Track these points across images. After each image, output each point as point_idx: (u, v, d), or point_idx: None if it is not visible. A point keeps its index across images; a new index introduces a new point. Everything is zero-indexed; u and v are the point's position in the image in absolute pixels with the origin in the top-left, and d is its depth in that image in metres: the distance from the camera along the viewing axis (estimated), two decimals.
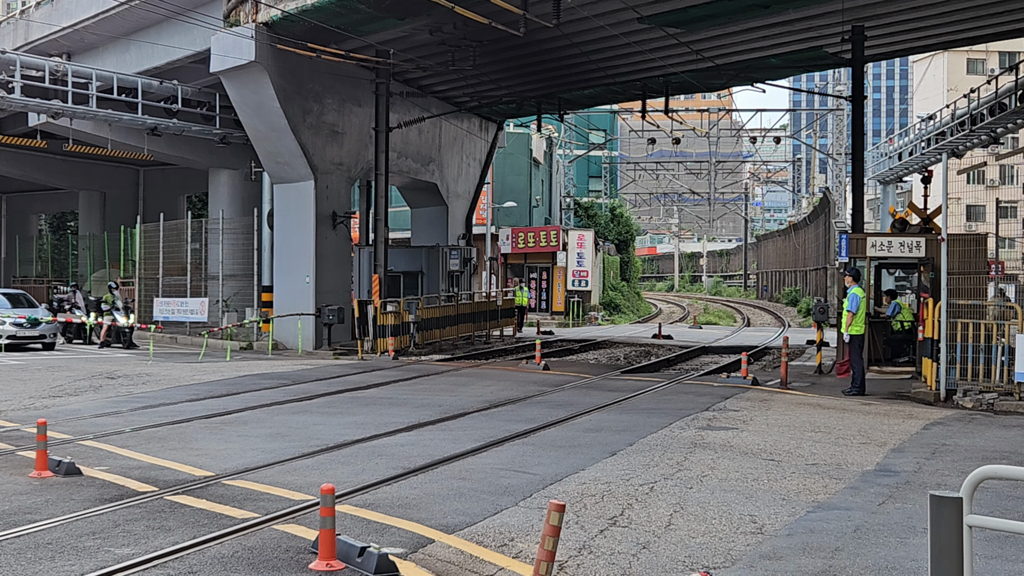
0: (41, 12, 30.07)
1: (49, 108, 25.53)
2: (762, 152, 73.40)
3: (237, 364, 20.90)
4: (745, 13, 21.47)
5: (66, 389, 15.76)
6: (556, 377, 18.56)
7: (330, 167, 25.62)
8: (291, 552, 6.51)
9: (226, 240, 28.03)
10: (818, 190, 70.48)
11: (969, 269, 15.94)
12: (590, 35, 23.29)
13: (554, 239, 42.35)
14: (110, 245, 36.28)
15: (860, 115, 23.29)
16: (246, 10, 23.06)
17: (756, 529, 7.23)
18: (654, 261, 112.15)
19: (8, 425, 11.97)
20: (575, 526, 7.18)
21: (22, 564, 6.23)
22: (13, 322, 24.82)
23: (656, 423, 12.38)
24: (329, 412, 13.38)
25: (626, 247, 60.50)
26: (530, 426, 12.05)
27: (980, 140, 31.91)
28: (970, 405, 14.44)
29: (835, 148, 56.42)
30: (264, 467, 9.37)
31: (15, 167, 38.20)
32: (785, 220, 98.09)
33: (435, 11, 20.10)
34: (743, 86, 29.67)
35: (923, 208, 21.62)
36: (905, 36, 24.72)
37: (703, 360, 24.30)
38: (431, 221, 33.49)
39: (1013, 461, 9.88)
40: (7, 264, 46.96)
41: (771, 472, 9.33)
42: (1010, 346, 14.45)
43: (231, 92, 24.37)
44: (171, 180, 40.65)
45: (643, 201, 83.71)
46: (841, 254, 18.83)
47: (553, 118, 36.12)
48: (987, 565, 6.26)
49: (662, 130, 37.47)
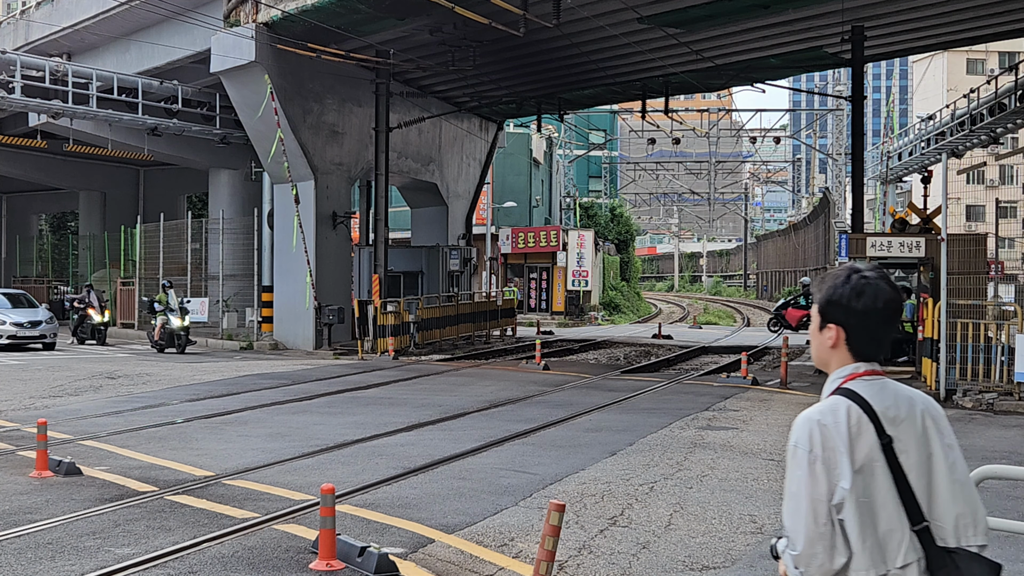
0: (41, 12, 30.08)
1: (49, 108, 25.53)
2: (762, 152, 73.38)
3: (237, 364, 20.90)
4: (745, 13, 21.47)
5: (66, 389, 15.75)
6: (556, 377, 18.56)
7: (330, 167, 25.62)
8: (291, 552, 6.52)
9: (226, 240, 28.03)
10: (818, 190, 70.50)
11: (969, 269, 15.94)
12: (590, 35, 23.29)
13: (554, 239, 42.35)
14: (110, 245, 36.27)
15: (860, 115, 23.30)
16: (246, 10, 23.07)
17: (756, 529, 7.24)
18: (654, 261, 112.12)
19: (8, 425, 11.98)
20: (575, 526, 7.18)
21: (22, 564, 6.23)
22: (13, 322, 24.76)
23: (656, 423, 12.38)
24: (329, 412, 13.38)
25: (626, 247, 60.47)
26: (530, 426, 12.05)
27: (980, 140, 31.90)
28: (970, 405, 14.44)
29: (835, 148, 56.45)
30: (264, 467, 9.37)
31: (15, 167, 38.21)
32: (785, 220, 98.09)
33: (435, 11, 20.11)
34: (743, 86, 29.68)
35: (923, 208, 21.64)
36: (905, 36, 24.73)
37: (703, 360, 24.30)
38: (431, 221, 33.49)
39: (1013, 461, 9.89)
40: (7, 264, 46.94)
41: (771, 472, 9.34)
42: (1010, 346, 14.46)
43: (231, 92, 24.38)
44: (171, 180, 40.65)
45: (643, 201, 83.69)
46: (841, 254, 18.83)
47: (553, 118, 36.11)
48: None
49: (662, 130, 37.45)
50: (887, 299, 2.58)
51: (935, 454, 2.55)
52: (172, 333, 24.32)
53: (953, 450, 2.58)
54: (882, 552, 2.47)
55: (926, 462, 2.54)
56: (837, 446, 2.50)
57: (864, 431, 2.51)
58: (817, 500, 2.47)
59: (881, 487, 2.50)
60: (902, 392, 2.61)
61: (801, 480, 2.52)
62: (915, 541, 2.49)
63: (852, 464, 2.48)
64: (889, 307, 2.59)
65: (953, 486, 2.54)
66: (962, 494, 2.55)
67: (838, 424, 2.52)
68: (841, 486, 2.47)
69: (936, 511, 2.53)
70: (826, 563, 2.45)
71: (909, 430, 2.55)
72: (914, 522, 2.49)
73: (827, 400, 2.62)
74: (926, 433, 2.57)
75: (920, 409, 2.58)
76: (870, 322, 2.59)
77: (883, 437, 2.51)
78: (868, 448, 2.50)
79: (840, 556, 2.46)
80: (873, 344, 2.61)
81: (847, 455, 2.49)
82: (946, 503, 2.53)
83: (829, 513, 2.47)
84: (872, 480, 2.49)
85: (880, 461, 2.50)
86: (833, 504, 2.47)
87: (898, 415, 2.55)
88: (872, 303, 2.57)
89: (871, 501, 2.49)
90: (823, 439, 2.52)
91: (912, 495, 2.51)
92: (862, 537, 2.46)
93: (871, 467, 2.49)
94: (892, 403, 2.56)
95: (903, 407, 2.57)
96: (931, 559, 2.48)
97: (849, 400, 2.56)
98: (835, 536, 2.46)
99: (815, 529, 2.46)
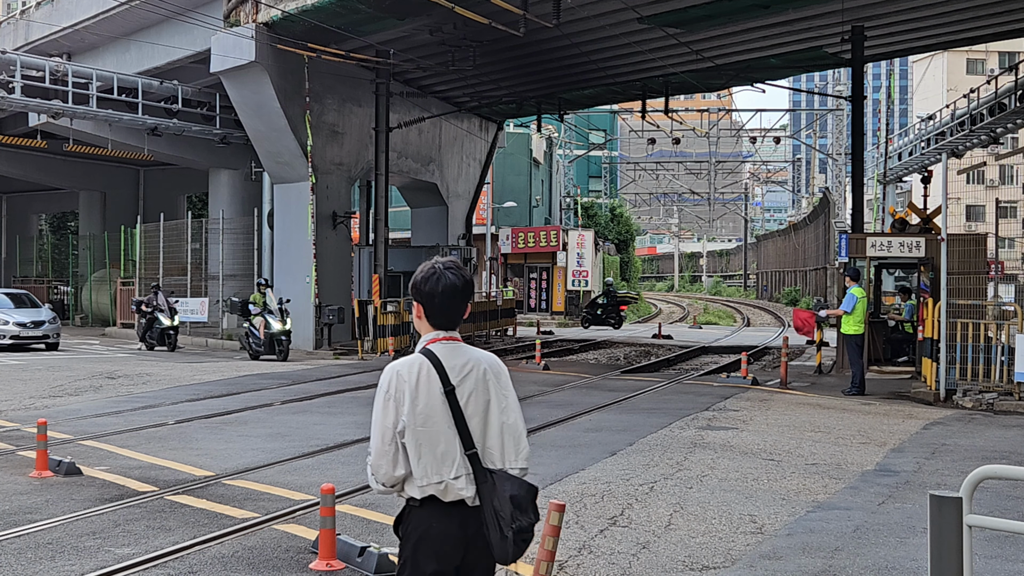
0: (41, 12, 30.08)
1: (49, 108, 25.53)
2: (762, 152, 73.35)
3: (237, 364, 20.90)
4: (745, 13, 21.47)
5: (66, 389, 15.76)
6: (556, 377, 18.56)
7: (330, 167, 25.62)
8: (291, 552, 6.52)
9: (226, 240, 28.02)
10: (818, 190, 70.47)
11: (969, 269, 15.93)
12: (590, 35, 23.28)
13: (554, 239, 42.35)
14: (110, 245, 36.26)
15: (860, 115, 23.29)
16: (246, 10, 23.07)
17: (756, 529, 7.24)
18: (654, 261, 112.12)
19: (8, 425, 11.98)
20: (575, 526, 7.18)
21: (22, 564, 6.23)
22: (16, 322, 24.69)
23: (656, 423, 12.38)
24: (329, 412, 13.38)
25: (626, 247, 60.51)
26: (530, 426, 12.00)
27: (980, 140, 31.89)
28: (970, 405, 14.44)
29: (835, 148, 56.43)
30: (264, 467, 9.37)
31: (15, 167, 38.20)
32: (785, 220, 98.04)
33: (435, 11, 20.10)
34: (743, 86, 29.67)
35: (923, 208, 21.63)
36: (905, 36, 24.71)
37: (703, 360, 24.29)
38: (431, 221, 33.49)
39: (1013, 461, 9.89)
40: (7, 264, 46.94)
41: (771, 472, 9.34)
42: (1010, 346, 14.46)
43: (231, 92, 24.38)
44: (171, 180, 40.63)
45: (643, 201, 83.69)
46: (841, 254, 18.85)
47: (553, 118, 36.10)
48: (987, 565, 6.26)
49: (662, 130, 37.43)
50: (446, 284, 3.43)
51: (492, 401, 3.45)
52: (272, 337, 22.04)
53: (507, 399, 3.48)
54: (438, 467, 3.37)
55: (484, 406, 3.43)
56: (405, 390, 3.38)
57: (432, 380, 3.39)
58: (386, 427, 3.38)
59: (441, 421, 3.37)
60: (472, 353, 3.49)
61: (378, 412, 3.42)
62: (466, 462, 3.38)
63: (415, 404, 3.37)
64: (447, 291, 3.43)
65: (503, 426, 3.44)
66: (509, 431, 3.45)
67: (411, 374, 3.40)
68: (403, 419, 3.37)
69: (488, 442, 3.42)
70: (389, 472, 3.39)
71: (471, 382, 3.42)
72: (466, 448, 3.38)
73: (410, 356, 3.48)
74: (487, 385, 3.44)
75: (484, 367, 3.46)
76: (436, 301, 3.44)
77: (447, 385, 3.39)
78: (433, 393, 3.38)
79: (400, 468, 3.40)
80: (443, 317, 3.47)
81: (411, 397, 3.37)
82: (495, 437, 3.43)
83: (394, 438, 3.38)
84: (434, 415, 3.37)
85: (443, 403, 3.38)
86: (398, 431, 3.37)
87: (464, 370, 3.43)
88: (435, 287, 3.43)
89: (430, 431, 3.37)
90: (397, 384, 3.40)
91: (467, 429, 3.39)
92: (418, 455, 3.37)
93: (434, 406, 3.38)
94: (461, 361, 3.44)
95: (469, 365, 3.44)
96: (477, 475, 3.37)
97: (425, 357, 3.43)
98: (398, 454, 3.39)
99: (382, 447, 3.39)
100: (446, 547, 3.39)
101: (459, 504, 3.39)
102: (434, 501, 3.39)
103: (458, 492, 3.37)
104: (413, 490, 3.40)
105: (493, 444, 3.42)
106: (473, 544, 3.40)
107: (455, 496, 3.38)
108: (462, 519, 3.39)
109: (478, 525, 3.38)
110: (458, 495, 3.37)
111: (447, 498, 3.38)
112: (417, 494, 3.39)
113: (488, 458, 3.40)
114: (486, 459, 3.40)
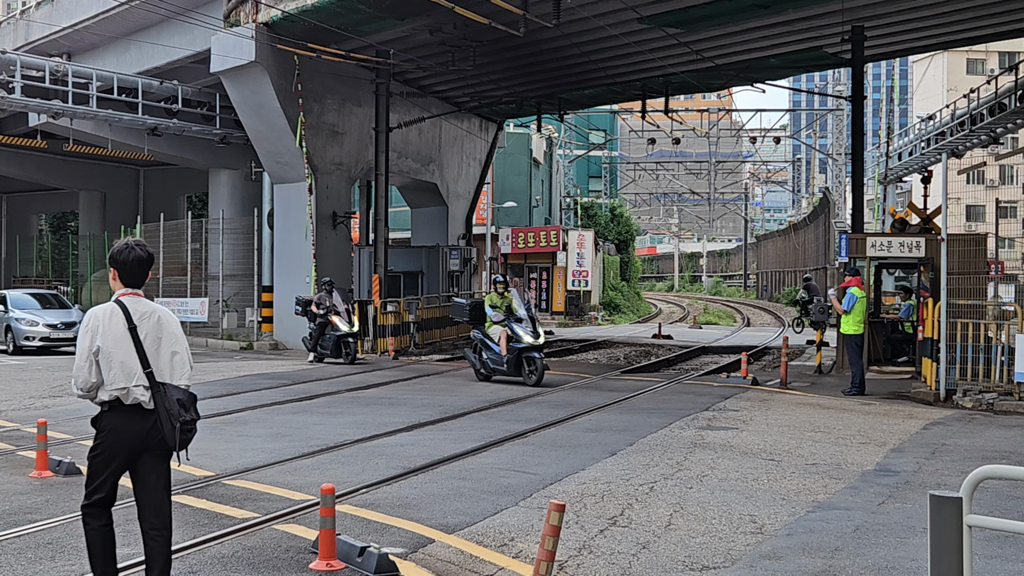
0: (41, 12, 30.09)
1: (49, 108, 25.53)
2: (762, 152, 73.38)
3: (237, 364, 20.89)
4: (745, 13, 21.46)
5: (66, 389, 15.75)
6: (556, 377, 18.55)
7: (330, 167, 25.63)
8: (291, 552, 6.52)
9: (226, 240, 28.03)
10: (818, 190, 70.48)
11: (969, 269, 15.93)
12: (590, 35, 23.28)
13: (554, 239, 42.35)
14: (110, 245, 36.03)
15: (860, 115, 23.28)
16: (246, 10, 23.08)
17: (756, 529, 7.23)
18: (654, 261, 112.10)
19: (8, 425, 11.98)
20: (575, 526, 7.18)
21: (22, 564, 6.24)
22: (46, 323, 23.94)
23: (656, 423, 12.38)
24: (329, 412, 13.38)
25: (626, 247, 60.47)
26: (530, 426, 12.05)
27: (980, 140, 31.88)
28: (970, 405, 14.44)
29: (835, 148, 56.45)
30: (264, 467, 9.37)
31: (15, 167, 38.21)
32: (785, 220, 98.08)
33: (435, 11, 20.10)
34: (743, 86, 29.66)
35: (923, 208, 21.62)
36: (905, 36, 24.71)
37: (703, 360, 24.30)
38: (431, 221, 33.49)
39: (1013, 461, 9.89)
40: (7, 264, 46.96)
41: (771, 472, 9.33)
42: (1010, 346, 14.45)
43: (231, 92, 24.38)
44: (171, 180, 40.65)
45: (643, 201, 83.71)
46: (841, 254, 18.83)
47: (553, 118, 36.10)
48: (987, 565, 6.26)
49: (662, 130, 37.44)
50: (135, 256, 5.09)
51: (163, 338, 5.08)
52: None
53: (173, 337, 5.14)
54: (124, 378, 4.94)
55: (157, 340, 5.06)
56: (98, 326, 4.98)
57: (117, 318, 5.00)
58: (84, 349, 4.97)
59: (127, 348, 4.97)
60: (150, 305, 5.12)
61: (80, 338, 5.02)
62: (143, 377, 4.97)
63: (107, 334, 4.96)
64: (135, 260, 5.10)
65: (172, 355, 5.10)
66: (177, 359, 5.11)
67: (104, 314, 5.02)
68: (96, 344, 4.95)
69: (160, 365, 5.04)
70: (87, 379, 4.96)
71: (148, 323, 5.04)
72: (144, 367, 4.97)
73: (107, 303, 5.08)
74: (160, 326, 5.08)
75: (158, 315, 5.10)
76: (127, 268, 5.09)
77: (131, 323, 5.00)
78: (119, 327, 4.98)
79: (93, 377, 4.96)
80: (131, 279, 5.11)
81: (104, 329, 4.97)
82: (166, 362, 5.07)
83: (90, 356, 4.95)
84: (122, 343, 4.97)
85: (128, 335, 4.98)
86: (92, 352, 4.95)
87: (143, 316, 5.04)
88: (127, 257, 5.08)
89: (120, 351, 4.95)
90: (94, 321, 5.00)
91: (144, 354, 4.99)
92: (108, 368, 4.94)
93: (123, 336, 4.98)
94: (142, 309, 5.06)
95: (148, 311, 5.07)
96: (152, 387, 4.98)
97: (115, 304, 5.05)
98: (92, 367, 4.95)
99: (81, 363, 4.97)
100: (129, 436, 4.96)
101: (138, 407, 4.96)
102: (120, 405, 4.95)
103: (136, 397, 4.94)
104: (104, 395, 4.95)
105: (164, 366, 5.05)
106: (151, 435, 4.98)
107: (134, 400, 4.94)
108: (141, 418, 4.97)
109: (153, 421, 4.97)
110: (136, 399, 4.95)
111: (128, 401, 4.94)
112: (106, 397, 4.95)
113: (160, 376, 5.01)
114: (160, 376, 5.01)
